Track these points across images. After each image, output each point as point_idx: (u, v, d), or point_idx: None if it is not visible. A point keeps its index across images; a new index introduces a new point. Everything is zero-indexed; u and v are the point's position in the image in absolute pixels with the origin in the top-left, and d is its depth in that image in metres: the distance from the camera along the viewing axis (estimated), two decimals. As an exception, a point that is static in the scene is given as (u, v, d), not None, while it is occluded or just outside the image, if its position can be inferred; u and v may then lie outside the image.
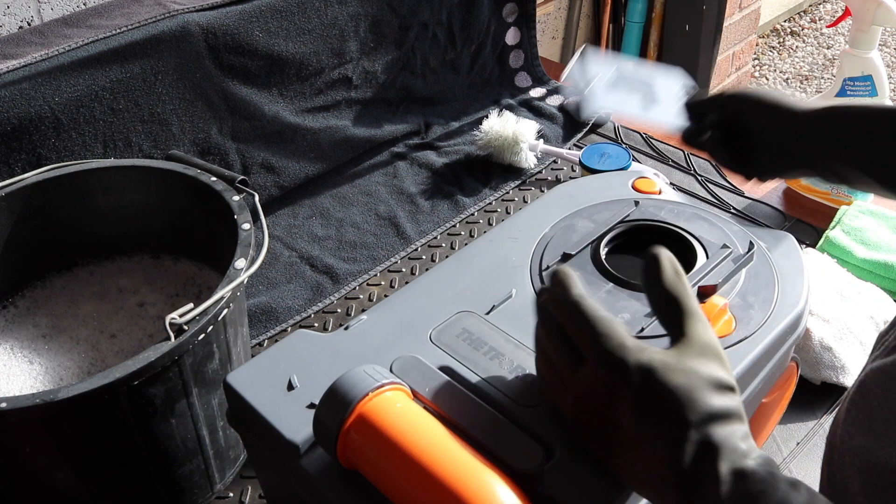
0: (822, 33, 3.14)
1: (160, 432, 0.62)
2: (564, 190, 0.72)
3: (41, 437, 0.58)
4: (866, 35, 0.91)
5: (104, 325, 0.76)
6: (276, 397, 0.53)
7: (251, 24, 0.97)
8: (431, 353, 0.55)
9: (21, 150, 0.82)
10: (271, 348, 0.57)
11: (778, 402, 0.67)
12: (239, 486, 0.73)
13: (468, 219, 1.04)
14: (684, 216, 0.66)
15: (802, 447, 0.73)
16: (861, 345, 0.78)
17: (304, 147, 1.07)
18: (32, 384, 0.70)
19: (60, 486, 0.63)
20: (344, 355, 0.56)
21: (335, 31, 1.06)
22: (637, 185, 0.71)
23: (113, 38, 0.86)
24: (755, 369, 0.56)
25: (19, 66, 0.80)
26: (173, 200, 0.77)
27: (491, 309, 0.59)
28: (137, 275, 0.81)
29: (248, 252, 0.65)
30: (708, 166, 1.10)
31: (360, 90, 1.13)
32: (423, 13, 1.15)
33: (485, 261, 0.64)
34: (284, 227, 1.02)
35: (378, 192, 1.08)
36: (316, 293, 0.92)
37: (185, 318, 0.58)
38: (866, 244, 0.90)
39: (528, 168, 1.11)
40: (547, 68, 1.33)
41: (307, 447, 0.50)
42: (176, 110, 0.93)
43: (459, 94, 1.25)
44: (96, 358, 0.73)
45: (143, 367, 0.56)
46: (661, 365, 0.43)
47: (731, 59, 1.95)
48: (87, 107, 0.85)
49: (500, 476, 0.44)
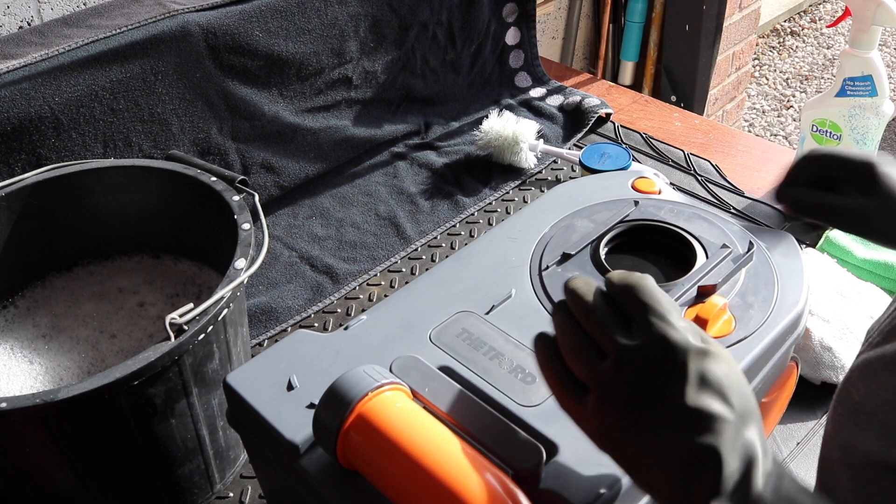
0: (822, 33, 3.14)
1: (160, 432, 0.62)
2: (564, 190, 0.72)
3: (41, 436, 0.58)
4: (866, 35, 0.91)
5: (104, 325, 0.76)
6: (276, 397, 0.53)
7: (251, 24, 0.97)
8: (431, 353, 0.55)
9: (21, 150, 0.82)
10: (271, 348, 0.57)
11: (778, 401, 0.67)
12: (239, 486, 0.73)
13: (468, 219, 1.04)
14: (684, 216, 0.66)
15: (802, 447, 0.73)
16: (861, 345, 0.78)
17: (304, 147, 1.07)
18: (32, 384, 0.70)
19: (60, 485, 0.63)
20: (344, 355, 0.56)
21: (335, 31, 1.06)
22: (637, 185, 0.71)
23: (113, 38, 0.86)
24: (755, 369, 0.57)
25: (19, 66, 0.80)
26: (173, 200, 0.77)
27: (490, 309, 0.59)
28: (137, 275, 0.81)
29: (248, 252, 0.65)
30: (708, 166, 1.10)
31: (360, 90, 1.13)
32: (423, 13, 1.15)
33: (484, 261, 0.64)
34: (284, 227, 1.02)
35: (378, 192, 1.08)
36: (316, 293, 0.92)
37: (185, 318, 0.58)
38: (866, 244, 0.90)
39: (528, 168, 1.11)
40: (547, 68, 1.33)
41: (307, 447, 0.50)
42: (176, 110, 0.93)
43: (459, 94, 1.25)
44: (96, 358, 0.73)
45: (143, 367, 0.56)
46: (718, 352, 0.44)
47: (731, 59, 1.95)
48: (87, 107, 0.85)
49: (499, 476, 0.44)
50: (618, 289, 0.46)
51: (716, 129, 1.20)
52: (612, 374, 0.43)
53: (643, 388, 0.43)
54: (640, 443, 0.42)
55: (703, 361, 0.43)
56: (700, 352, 0.43)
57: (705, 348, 0.43)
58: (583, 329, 0.46)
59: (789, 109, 2.73)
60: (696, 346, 0.43)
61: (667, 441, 0.42)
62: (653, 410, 0.42)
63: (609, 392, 0.43)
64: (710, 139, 1.17)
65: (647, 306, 0.45)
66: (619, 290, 0.46)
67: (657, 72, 1.74)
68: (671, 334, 0.43)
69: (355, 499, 0.48)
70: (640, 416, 0.42)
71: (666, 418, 0.42)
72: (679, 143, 1.16)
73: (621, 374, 0.43)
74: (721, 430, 0.41)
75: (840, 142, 0.96)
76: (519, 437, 0.48)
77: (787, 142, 2.58)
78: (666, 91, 1.74)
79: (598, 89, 1.31)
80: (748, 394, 0.44)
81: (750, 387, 0.44)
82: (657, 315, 0.44)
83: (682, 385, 0.42)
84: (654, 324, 0.44)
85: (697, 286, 0.59)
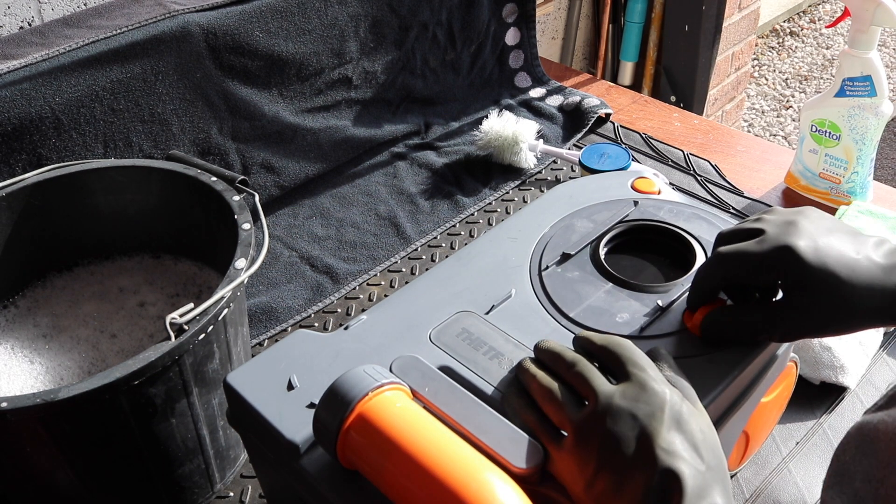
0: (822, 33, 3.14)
1: (160, 432, 0.62)
2: (564, 190, 0.72)
3: (42, 436, 0.58)
4: (865, 35, 0.91)
5: (105, 324, 0.76)
6: (276, 397, 0.53)
7: (251, 24, 0.97)
8: (431, 352, 0.55)
9: (22, 151, 0.82)
10: (271, 348, 0.57)
11: (777, 401, 0.67)
12: (239, 485, 0.73)
13: (468, 219, 1.04)
14: (683, 216, 0.66)
15: (802, 447, 0.73)
16: (860, 344, 0.78)
17: (304, 147, 1.07)
18: (33, 384, 0.70)
19: (61, 485, 0.63)
20: (344, 355, 0.56)
21: (335, 32, 1.06)
22: (636, 186, 0.71)
23: (113, 39, 0.86)
24: (754, 368, 0.57)
25: (20, 67, 0.81)
26: (174, 200, 0.78)
27: (490, 309, 0.59)
28: (138, 275, 0.81)
29: (249, 252, 0.65)
30: (707, 166, 1.11)
31: (360, 90, 1.13)
32: (423, 13, 1.16)
33: (484, 261, 0.64)
34: (284, 226, 1.02)
35: (378, 192, 1.08)
36: (316, 293, 0.93)
37: (185, 318, 0.58)
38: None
39: (527, 168, 1.11)
40: (547, 69, 1.33)
41: (307, 447, 0.50)
42: (176, 110, 0.93)
43: (459, 94, 1.25)
44: (97, 358, 0.73)
45: (143, 366, 0.56)
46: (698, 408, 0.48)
47: (730, 60, 1.95)
48: (88, 107, 0.85)
49: (499, 475, 0.44)
50: (598, 347, 0.51)
51: (715, 130, 1.20)
52: (592, 417, 0.46)
53: (620, 428, 0.45)
54: (613, 477, 0.44)
55: (681, 410, 0.46)
56: (678, 401, 0.47)
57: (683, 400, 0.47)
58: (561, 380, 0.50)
59: (788, 110, 2.74)
60: (674, 394, 0.47)
61: (637, 476, 0.44)
62: (628, 448, 0.45)
63: (588, 433, 0.46)
64: (710, 139, 1.17)
65: (629, 359, 0.49)
66: (600, 347, 0.50)
67: (657, 72, 1.74)
68: (650, 382, 0.47)
69: (355, 499, 0.48)
70: (615, 454, 0.45)
71: (640, 457, 0.44)
72: (678, 144, 1.16)
73: (601, 417, 0.46)
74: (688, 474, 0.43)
75: (839, 142, 0.96)
76: (519, 436, 0.48)
77: (786, 142, 2.58)
78: (665, 91, 1.74)
79: (598, 89, 1.31)
80: (720, 455, 0.46)
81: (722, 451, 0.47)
82: (638, 367, 0.48)
83: (659, 426, 0.45)
84: (635, 373, 0.48)
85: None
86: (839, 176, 0.99)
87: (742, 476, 0.71)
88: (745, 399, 0.57)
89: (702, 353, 0.55)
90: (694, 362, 0.54)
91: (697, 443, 0.45)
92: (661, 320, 0.57)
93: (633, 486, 0.44)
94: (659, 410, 0.45)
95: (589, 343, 0.51)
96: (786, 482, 0.70)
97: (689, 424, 0.45)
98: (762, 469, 0.71)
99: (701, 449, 0.45)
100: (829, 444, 0.73)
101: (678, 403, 0.46)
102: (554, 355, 0.51)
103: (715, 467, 0.45)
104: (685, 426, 0.45)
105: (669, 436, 0.44)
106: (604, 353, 0.50)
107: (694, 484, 0.43)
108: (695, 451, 0.44)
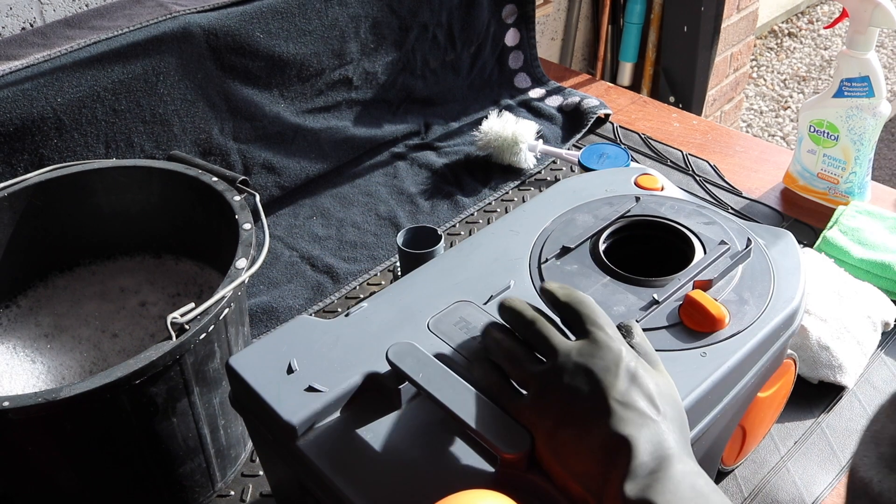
0: (820, 34, 3.15)
1: (162, 431, 0.62)
2: (567, 185, 0.72)
3: (43, 436, 0.59)
4: (863, 36, 0.91)
5: (106, 324, 0.76)
6: (276, 380, 0.54)
7: (252, 25, 0.97)
8: (428, 340, 0.56)
9: (23, 151, 0.82)
10: (273, 333, 0.58)
11: (775, 398, 0.67)
12: (240, 484, 0.73)
13: (468, 219, 1.04)
14: (684, 212, 0.66)
15: (800, 446, 0.73)
16: (858, 344, 0.78)
17: (304, 147, 1.07)
18: (35, 383, 0.70)
19: (62, 484, 0.64)
20: (343, 341, 0.57)
21: (336, 33, 1.06)
22: (640, 182, 0.71)
23: (115, 40, 0.86)
24: (749, 363, 0.57)
25: (22, 67, 0.81)
26: (175, 200, 0.78)
27: (489, 299, 0.60)
28: (139, 274, 0.81)
29: (249, 252, 0.65)
30: (706, 166, 1.11)
31: (360, 91, 1.13)
32: (423, 14, 1.16)
33: (486, 253, 0.65)
34: (285, 227, 1.03)
35: (378, 193, 1.08)
36: (316, 293, 0.93)
37: (186, 318, 0.58)
38: (863, 244, 0.90)
39: (527, 168, 1.11)
40: (546, 69, 1.33)
41: (304, 429, 0.51)
42: (177, 111, 0.93)
43: (459, 94, 1.25)
44: (98, 357, 0.73)
45: (144, 366, 0.56)
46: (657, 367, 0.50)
47: (728, 61, 1.95)
48: (90, 107, 0.86)
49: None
50: (561, 303, 0.52)
51: (714, 130, 1.20)
52: (551, 373, 0.48)
53: (578, 382, 0.47)
54: (570, 431, 0.46)
55: (636, 366, 0.48)
56: (632, 357, 0.48)
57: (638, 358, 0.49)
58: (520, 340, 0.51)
59: (787, 110, 2.74)
60: (629, 352, 0.49)
61: (593, 430, 0.45)
62: (585, 401, 0.46)
63: (547, 388, 0.48)
64: (709, 140, 1.18)
65: (588, 317, 0.50)
66: (563, 304, 0.52)
67: (656, 73, 1.74)
68: (606, 339, 0.49)
69: (350, 480, 0.49)
70: (573, 407, 0.46)
71: (595, 409, 0.46)
72: (677, 144, 1.16)
73: (559, 372, 0.48)
74: (640, 423, 0.45)
75: (837, 142, 0.97)
76: (508, 422, 0.48)
77: (784, 142, 2.58)
78: (664, 92, 1.74)
79: (597, 90, 1.31)
80: (679, 406, 0.48)
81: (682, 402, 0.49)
82: (596, 325, 0.50)
83: (614, 380, 0.47)
84: (593, 331, 0.49)
85: (693, 281, 0.60)
86: (837, 176, 0.99)
87: (741, 475, 0.71)
88: (738, 392, 0.57)
89: (696, 346, 0.56)
90: (687, 355, 0.55)
91: (652, 394, 0.47)
92: (657, 313, 0.58)
93: (591, 437, 0.45)
94: (613, 365, 0.47)
95: (553, 297, 0.53)
96: (784, 481, 0.70)
97: (643, 379, 0.47)
98: (761, 468, 0.71)
99: (656, 399, 0.47)
100: (828, 442, 0.74)
101: (633, 360, 0.48)
102: (514, 314, 0.52)
103: (672, 417, 0.47)
104: (640, 380, 0.47)
105: (623, 387, 0.46)
106: (566, 309, 0.52)
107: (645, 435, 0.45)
108: (649, 402, 0.46)
